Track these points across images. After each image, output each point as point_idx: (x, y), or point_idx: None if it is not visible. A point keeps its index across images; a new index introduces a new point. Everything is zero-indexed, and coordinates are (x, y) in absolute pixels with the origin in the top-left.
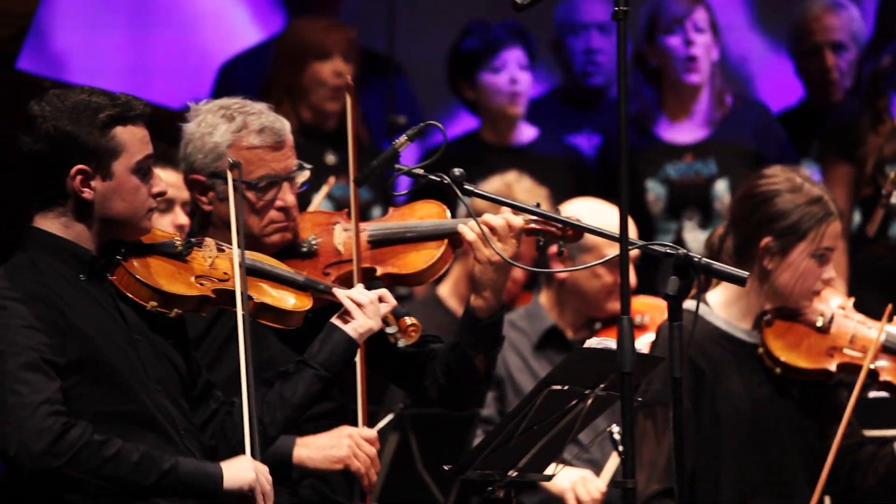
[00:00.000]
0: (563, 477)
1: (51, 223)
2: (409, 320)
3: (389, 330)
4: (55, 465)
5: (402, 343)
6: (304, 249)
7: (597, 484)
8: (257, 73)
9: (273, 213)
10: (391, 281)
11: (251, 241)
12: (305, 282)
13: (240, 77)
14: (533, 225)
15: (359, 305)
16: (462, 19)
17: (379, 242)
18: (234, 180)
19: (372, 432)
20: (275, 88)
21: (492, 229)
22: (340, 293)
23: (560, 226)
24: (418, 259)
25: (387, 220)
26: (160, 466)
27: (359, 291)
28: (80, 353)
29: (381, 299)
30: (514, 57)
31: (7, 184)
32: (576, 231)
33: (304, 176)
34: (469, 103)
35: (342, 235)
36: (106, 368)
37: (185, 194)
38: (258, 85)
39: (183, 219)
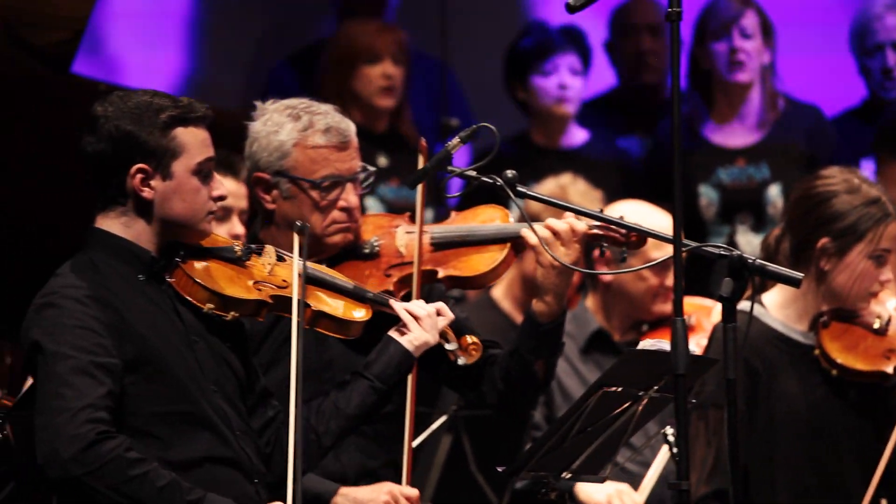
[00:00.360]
0: (600, 490)
1: (111, 223)
2: (469, 339)
3: (449, 347)
4: (78, 473)
5: (461, 361)
6: (366, 251)
7: (634, 497)
8: (306, 76)
9: (335, 214)
10: (452, 283)
11: (313, 240)
12: (364, 293)
13: (289, 80)
14: (596, 230)
15: (416, 318)
16: (515, 20)
17: (441, 245)
18: (300, 244)
19: (413, 491)
20: (325, 92)
21: (555, 234)
22: (398, 305)
23: (624, 231)
24: (480, 262)
25: (449, 224)
26: (184, 497)
27: (416, 304)
28: (136, 353)
29: (438, 313)
30: (566, 62)
31: (71, 187)
32: (640, 237)
33: (367, 178)
34: (521, 104)
35: (404, 237)
36: (162, 368)
37: (242, 203)
38: (308, 88)
39: (239, 228)
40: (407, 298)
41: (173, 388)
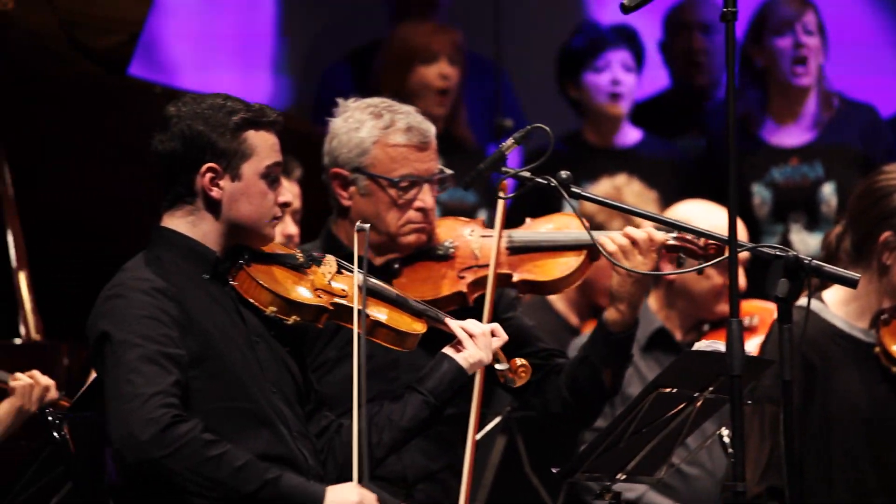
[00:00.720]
0: None
1: (178, 222)
2: (519, 361)
3: (500, 367)
4: (157, 455)
5: (510, 383)
6: (440, 252)
7: None
8: (359, 78)
9: (411, 213)
10: (527, 287)
11: (387, 239)
12: (420, 308)
13: (342, 82)
14: (674, 241)
15: (470, 336)
16: (568, 20)
17: (518, 249)
18: (360, 242)
19: None
20: (381, 92)
21: (633, 242)
22: (453, 323)
23: (702, 243)
24: (556, 267)
25: (524, 229)
26: (263, 476)
27: (472, 323)
28: (199, 349)
29: (493, 333)
30: (618, 58)
31: (130, 187)
32: (718, 248)
33: (444, 180)
34: (574, 103)
35: (479, 241)
36: (223, 365)
37: (296, 203)
38: (361, 90)
39: (293, 228)
40: (480, 300)
41: (233, 385)
